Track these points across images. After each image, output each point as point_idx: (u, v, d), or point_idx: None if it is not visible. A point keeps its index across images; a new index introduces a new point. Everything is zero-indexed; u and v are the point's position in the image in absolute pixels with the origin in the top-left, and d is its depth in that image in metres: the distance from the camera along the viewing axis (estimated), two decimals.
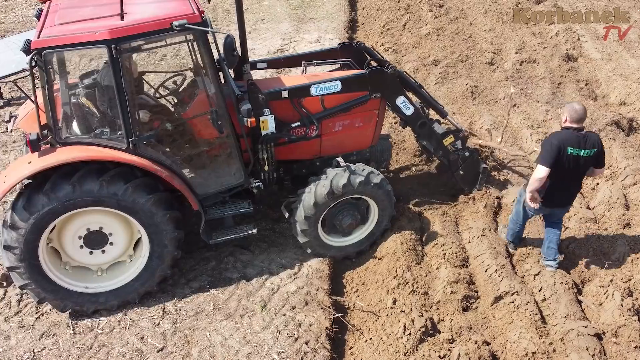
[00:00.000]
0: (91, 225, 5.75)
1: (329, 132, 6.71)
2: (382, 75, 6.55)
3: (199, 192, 6.05)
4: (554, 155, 5.62)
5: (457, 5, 14.70)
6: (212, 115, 5.74)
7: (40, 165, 5.20)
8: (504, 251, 6.64)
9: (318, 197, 6.16)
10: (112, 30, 5.01)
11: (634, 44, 12.13)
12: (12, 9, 15.46)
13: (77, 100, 5.87)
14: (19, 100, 10.44)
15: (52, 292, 5.75)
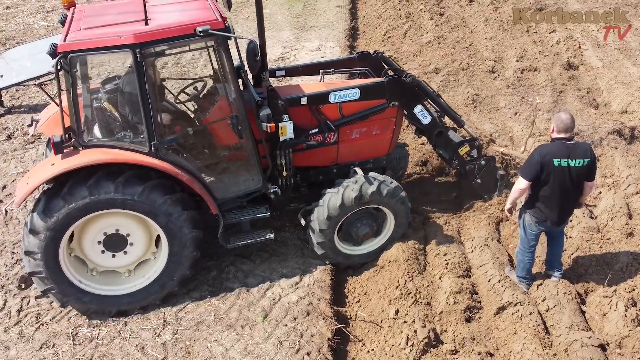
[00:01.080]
0: (108, 229, 5.81)
1: (347, 139, 6.76)
2: (400, 84, 6.61)
3: (218, 196, 6.10)
4: (536, 168, 5.50)
5: (458, 13, 14.72)
6: (232, 121, 5.79)
7: (64, 167, 5.28)
8: (506, 261, 6.60)
9: (345, 200, 6.18)
10: (137, 34, 5.12)
11: (635, 52, 12.13)
12: (14, 17, 15.49)
13: (99, 105, 5.98)
14: (20, 109, 10.45)
15: (74, 296, 5.82)
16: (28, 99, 10.85)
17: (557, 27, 13.23)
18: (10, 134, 9.63)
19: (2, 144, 9.37)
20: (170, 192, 5.66)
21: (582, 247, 6.81)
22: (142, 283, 6.05)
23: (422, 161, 8.46)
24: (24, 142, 9.37)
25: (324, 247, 6.50)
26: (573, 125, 5.54)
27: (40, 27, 14.59)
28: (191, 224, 5.82)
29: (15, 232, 7.31)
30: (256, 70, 6.08)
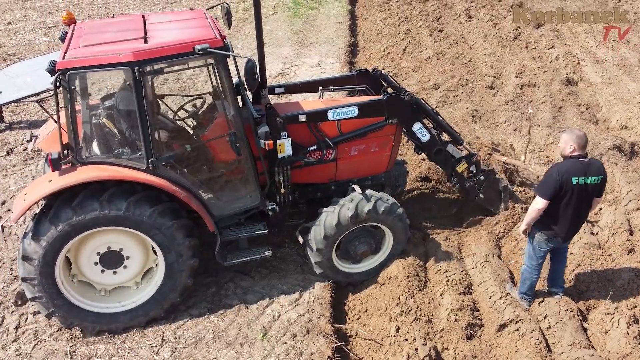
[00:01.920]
0: (113, 245, 5.80)
1: (345, 157, 6.75)
2: (399, 102, 6.62)
3: (215, 213, 6.08)
4: (555, 187, 5.44)
5: (457, 29, 14.82)
6: (230, 138, 5.79)
7: (60, 184, 5.27)
8: (507, 278, 6.57)
9: (342, 219, 6.17)
10: (136, 52, 5.12)
11: (634, 67, 12.18)
12: (15, 33, 15.58)
13: (98, 121, 5.98)
14: (20, 125, 10.46)
15: (60, 307, 5.74)
16: (28, 114, 10.87)
17: (556, 43, 13.30)
18: (11, 149, 9.63)
19: (2, 159, 9.37)
20: (157, 204, 5.61)
21: (583, 264, 6.78)
22: (151, 292, 6.01)
23: (421, 177, 8.45)
24: (24, 158, 9.37)
25: (323, 266, 6.47)
26: (587, 143, 5.55)
27: (42, 43, 14.66)
28: (184, 233, 5.77)
29: (14, 248, 7.27)
30: (254, 89, 6.10)
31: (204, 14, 6.27)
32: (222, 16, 6.22)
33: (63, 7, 18.14)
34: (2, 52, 13.83)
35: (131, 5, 18.04)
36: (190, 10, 6.65)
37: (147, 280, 6.11)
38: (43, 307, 5.69)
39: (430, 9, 16.36)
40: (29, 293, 5.62)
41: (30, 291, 5.63)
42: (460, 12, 15.82)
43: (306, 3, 17.84)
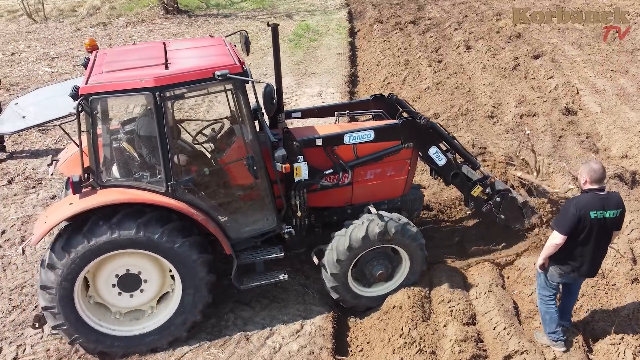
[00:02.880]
0: (132, 268, 5.81)
1: (361, 180, 6.77)
2: (415, 126, 6.65)
3: (232, 236, 6.11)
4: (573, 222, 5.26)
5: (456, 60, 14.98)
6: (248, 161, 5.85)
7: (81, 206, 5.34)
8: (511, 308, 6.49)
9: (353, 241, 6.15)
10: (157, 78, 5.24)
11: (633, 97, 12.26)
12: (19, 63, 15.76)
13: (118, 145, 6.08)
14: (22, 154, 10.49)
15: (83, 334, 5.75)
16: (30, 144, 10.92)
17: (554, 73, 13.42)
18: (12, 178, 9.64)
19: (2, 188, 9.37)
20: (167, 223, 5.63)
21: (587, 294, 6.71)
22: (166, 316, 5.99)
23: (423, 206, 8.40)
24: (24, 187, 9.37)
25: (338, 290, 6.42)
26: (605, 175, 5.41)
27: (45, 74, 14.81)
28: (196, 249, 5.77)
29: (13, 278, 7.21)
30: (272, 113, 6.17)
31: (223, 41, 6.42)
32: (241, 43, 6.34)
33: (67, 38, 18.38)
34: (6, 82, 13.94)
35: (134, 37, 18.27)
36: (210, 37, 6.77)
37: (163, 305, 6.08)
38: (65, 334, 5.71)
39: (429, 41, 16.55)
40: (51, 321, 5.64)
41: (52, 320, 5.64)
42: (459, 43, 16.01)
43: (307, 35, 18.08)
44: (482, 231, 8.02)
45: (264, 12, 21.24)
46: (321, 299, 6.84)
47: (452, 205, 8.64)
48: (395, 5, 20.85)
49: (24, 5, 20.29)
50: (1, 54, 16.69)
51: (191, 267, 5.74)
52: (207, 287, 5.93)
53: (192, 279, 5.82)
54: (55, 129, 11.09)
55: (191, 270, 5.76)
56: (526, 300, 6.71)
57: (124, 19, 20.28)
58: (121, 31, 18.94)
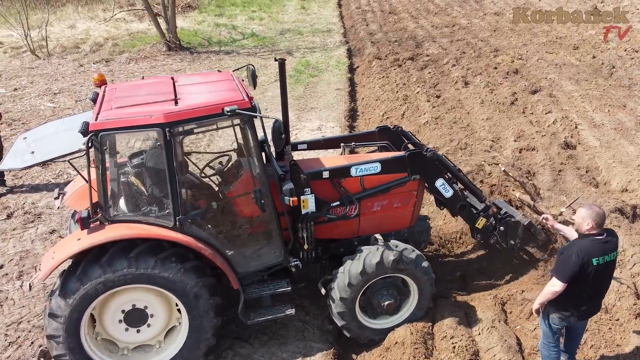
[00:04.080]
0: (138, 303, 5.77)
1: (368, 212, 6.77)
2: (421, 158, 6.69)
3: (239, 270, 6.08)
4: (574, 270, 5.14)
5: (454, 95, 15.12)
6: (255, 195, 5.85)
7: (89, 242, 5.32)
8: (515, 344, 6.39)
9: (367, 266, 6.12)
10: (167, 114, 5.28)
11: (631, 131, 12.33)
12: (21, 99, 15.91)
13: (126, 179, 6.08)
14: (22, 189, 10.49)
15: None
16: (30, 178, 10.93)
17: (552, 108, 13.52)
18: (11, 213, 9.63)
19: (1, 223, 9.34)
20: (184, 262, 5.62)
21: (591, 329, 6.61)
22: (174, 351, 5.94)
23: None
24: (23, 222, 9.34)
25: (345, 317, 6.33)
26: (605, 219, 5.32)
27: (47, 109, 14.94)
28: (208, 291, 5.74)
29: (10, 314, 7.13)
30: (281, 147, 6.17)
31: (231, 75, 6.48)
32: (248, 77, 6.41)
33: (69, 74, 18.60)
34: (8, 117, 14.06)
35: (136, 73, 18.50)
36: (218, 72, 6.90)
37: (171, 339, 6.01)
38: (56, 347, 5.59)
39: (427, 76, 16.74)
40: (54, 350, 5.56)
41: (54, 349, 5.56)
42: (457, 79, 16.18)
43: (307, 71, 18.31)
44: (484, 266, 7.97)
45: (264, 50, 21.55)
46: (321, 335, 6.74)
47: (454, 240, 8.60)
48: (394, 43, 21.16)
49: (27, 41, 20.60)
50: (4, 89, 16.87)
51: (201, 309, 5.71)
52: (213, 330, 5.88)
53: (200, 320, 5.76)
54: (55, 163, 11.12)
55: (200, 311, 5.72)
56: (529, 336, 6.60)
57: (127, 55, 20.57)
58: (124, 67, 19.18)
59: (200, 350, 5.93)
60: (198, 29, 24.31)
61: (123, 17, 25.91)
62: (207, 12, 28.45)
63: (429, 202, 9.80)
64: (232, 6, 30.04)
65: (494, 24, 22.91)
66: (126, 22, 25.38)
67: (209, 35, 23.44)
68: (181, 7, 28.38)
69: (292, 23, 26.56)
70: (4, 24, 22.33)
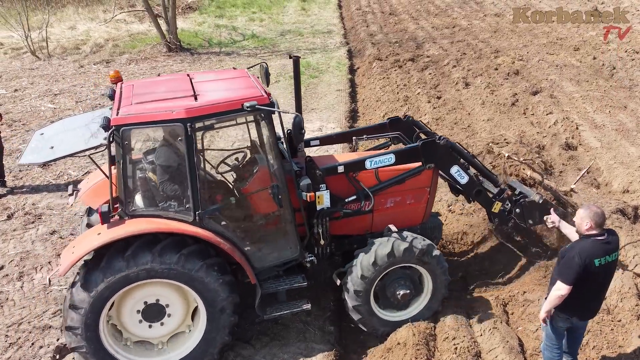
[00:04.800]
0: (148, 299, 5.76)
1: (381, 208, 6.81)
2: (435, 147, 6.68)
3: (257, 265, 6.10)
4: (578, 272, 5.10)
5: (455, 96, 15.10)
6: (273, 190, 5.89)
7: (110, 236, 5.35)
8: (517, 345, 6.37)
9: (378, 257, 6.14)
10: (189, 109, 5.33)
11: (633, 132, 12.32)
12: (21, 100, 15.90)
13: (144, 175, 6.10)
14: (22, 189, 10.48)
15: None
16: (31, 179, 10.92)
17: (553, 109, 13.51)
18: (11, 214, 9.62)
19: (2, 223, 9.33)
20: (206, 258, 5.65)
21: (593, 330, 6.60)
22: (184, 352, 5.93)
23: None
24: (24, 223, 9.33)
25: (360, 311, 6.37)
26: (605, 219, 5.28)
27: (47, 110, 14.93)
28: (228, 289, 5.75)
29: (10, 315, 7.12)
30: (301, 142, 6.28)
31: (246, 72, 6.53)
32: (261, 75, 6.44)
33: (70, 75, 18.59)
34: (8, 118, 14.05)
35: (137, 74, 18.49)
36: (233, 69, 6.90)
37: (175, 344, 6.03)
38: (82, 358, 5.61)
39: (428, 77, 16.73)
40: (71, 342, 5.56)
41: (72, 340, 5.56)
42: (458, 80, 16.17)
43: (307, 72, 18.29)
44: (486, 266, 7.96)
45: (265, 51, 21.55)
46: (322, 336, 6.73)
47: (455, 240, 8.59)
48: (394, 44, 21.16)
49: (27, 42, 20.60)
50: (4, 90, 16.86)
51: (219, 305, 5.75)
52: (229, 328, 5.92)
53: (218, 317, 5.81)
54: (56, 164, 11.12)
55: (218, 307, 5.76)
56: (531, 337, 6.59)
57: (127, 56, 20.57)
58: (124, 68, 19.18)
59: (216, 348, 5.94)
60: (198, 30, 24.31)
61: (123, 18, 25.92)
62: (207, 14, 28.46)
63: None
64: (233, 7, 30.06)
65: (494, 25, 22.92)
66: (126, 23, 25.39)
67: (210, 36, 23.45)
68: (181, 8, 28.40)
69: (292, 24, 26.57)
70: (4, 25, 22.33)
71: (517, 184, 7.54)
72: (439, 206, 9.54)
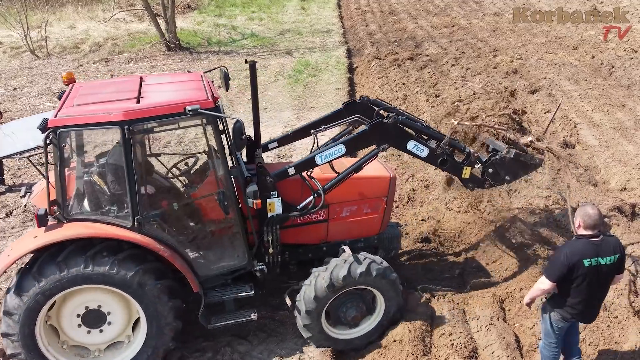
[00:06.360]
0: (90, 304, 5.66)
1: (336, 217, 6.67)
2: (384, 126, 6.34)
3: (201, 273, 5.97)
4: (562, 271, 5.11)
5: (454, 95, 15.09)
6: (219, 196, 5.78)
7: (45, 240, 5.25)
8: (513, 341, 6.39)
9: (334, 279, 6.00)
10: (126, 112, 5.20)
11: (630, 130, 12.34)
12: (20, 98, 15.91)
13: (89, 178, 5.96)
14: (21, 187, 10.47)
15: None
16: (29, 177, 10.92)
17: (551, 108, 13.52)
18: (10, 211, 9.62)
19: (0, 221, 9.33)
20: (142, 262, 5.53)
21: (590, 327, 6.60)
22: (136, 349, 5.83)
23: (422, 238, 8.41)
24: (22, 220, 9.34)
25: (316, 339, 6.28)
26: (600, 221, 5.16)
27: (46, 108, 14.93)
28: (168, 294, 5.64)
29: None
30: (242, 148, 6.12)
31: (201, 76, 6.38)
32: (221, 79, 6.32)
33: None
34: (7, 116, 14.02)
35: (135, 73, 18.50)
36: (188, 72, 6.79)
37: (138, 331, 5.90)
38: (10, 345, 5.47)
39: (426, 76, 16.74)
40: (8, 349, 5.46)
41: (9, 347, 5.47)
42: (456, 78, 16.18)
43: (306, 71, 18.30)
44: (483, 263, 7.97)
45: (264, 50, 21.56)
46: None
47: (452, 238, 8.61)
48: (393, 43, 21.18)
49: (27, 41, 20.60)
50: (3, 89, 16.87)
51: (150, 296, 5.59)
52: (172, 313, 5.75)
53: (154, 307, 5.65)
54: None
55: (151, 298, 5.60)
56: (528, 334, 6.60)
57: (126, 55, 20.58)
58: (123, 67, 19.19)
59: (167, 336, 5.79)
60: (197, 29, 24.31)
61: (123, 18, 25.92)
62: (206, 13, 28.47)
63: (427, 201, 9.82)
64: (232, 7, 30.06)
65: (493, 24, 22.93)
66: (126, 22, 25.38)
67: (209, 35, 23.45)
68: (181, 7, 28.38)
69: (291, 23, 26.58)
70: (3, 24, 22.32)
71: (489, 140, 7.25)
72: (436, 204, 9.56)
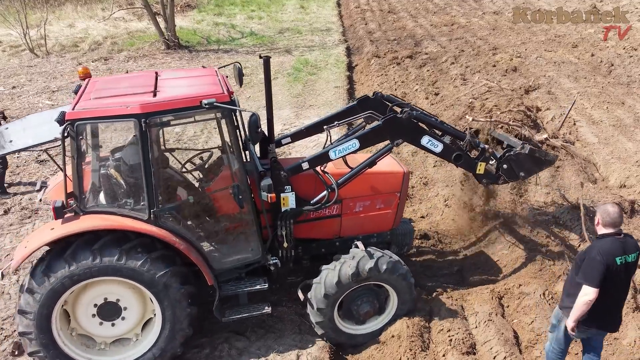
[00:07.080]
0: (109, 296, 5.71)
1: (350, 212, 6.69)
2: (398, 122, 6.34)
3: (215, 266, 6.01)
4: (602, 271, 4.81)
5: (452, 93, 15.07)
6: (233, 190, 5.80)
7: (62, 231, 5.29)
8: (512, 337, 6.37)
9: (342, 277, 6.00)
10: (143, 105, 5.25)
11: (630, 128, 12.32)
12: (19, 96, 15.90)
13: (106, 172, 6.02)
14: (19, 185, 10.46)
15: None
16: (28, 175, 10.91)
17: (551, 105, 13.52)
18: (8, 208, 9.61)
19: None
20: (150, 251, 5.55)
21: None
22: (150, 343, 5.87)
23: (421, 235, 8.39)
24: (20, 217, 9.33)
25: (324, 326, 6.26)
26: (621, 220, 5.01)
27: (45, 107, 14.91)
28: (178, 280, 5.66)
29: (6, 308, 7.11)
30: (258, 141, 6.13)
31: (215, 71, 6.43)
32: (234, 75, 6.34)
33: (68, 72, 18.58)
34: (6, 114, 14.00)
35: (134, 71, 18.46)
36: (203, 67, 6.79)
37: (147, 331, 5.94)
38: (29, 344, 5.54)
39: (425, 74, 16.73)
40: (28, 347, 5.52)
41: (28, 346, 5.52)
42: (456, 76, 16.16)
43: (306, 69, 18.29)
44: (481, 260, 7.96)
45: (263, 48, 21.53)
46: None
47: (451, 235, 8.59)
48: (393, 41, 21.15)
49: (26, 40, 20.58)
50: (2, 87, 16.85)
51: (172, 298, 5.63)
52: (188, 319, 5.79)
53: (173, 311, 5.69)
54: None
55: (172, 301, 5.64)
56: (526, 330, 6.58)
57: (125, 54, 20.56)
58: (122, 65, 19.16)
59: (177, 341, 5.84)
60: (197, 28, 24.28)
61: (122, 16, 25.88)
62: (206, 11, 28.44)
63: (426, 198, 9.80)
64: (231, 5, 30.03)
65: (492, 23, 22.90)
66: (125, 21, 25.35)
67: (208, 34, 23.43)
68: (180, 6, 28.36)
69: (291, 22, 26.54)
70: (3, 23, 22.30)
71: (503, 136, 7.25)
72: (435, 201, 9.55)
